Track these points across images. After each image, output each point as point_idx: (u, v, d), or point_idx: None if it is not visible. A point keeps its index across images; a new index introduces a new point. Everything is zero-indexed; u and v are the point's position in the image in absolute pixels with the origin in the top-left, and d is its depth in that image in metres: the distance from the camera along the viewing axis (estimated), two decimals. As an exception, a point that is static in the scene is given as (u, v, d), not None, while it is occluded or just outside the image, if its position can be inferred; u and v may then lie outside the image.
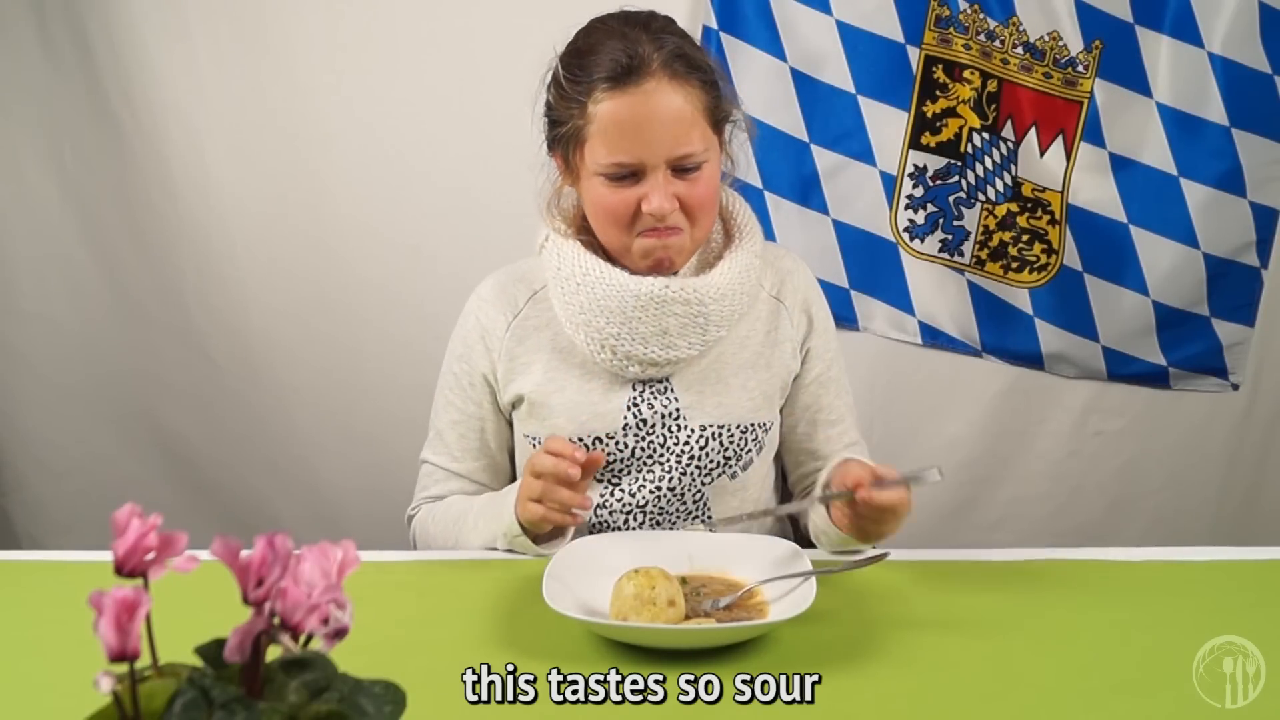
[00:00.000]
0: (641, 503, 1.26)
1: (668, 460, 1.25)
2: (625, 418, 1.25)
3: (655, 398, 1.25)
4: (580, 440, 1.24)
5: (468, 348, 1.31)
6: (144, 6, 2.03)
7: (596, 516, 1.27)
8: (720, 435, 1.26)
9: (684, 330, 1.22)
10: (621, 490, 1.26)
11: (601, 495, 1.26)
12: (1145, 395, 2.17)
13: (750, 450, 1.28)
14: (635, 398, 1.25)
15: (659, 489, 1.25)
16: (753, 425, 1.27)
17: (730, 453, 1.26)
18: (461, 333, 1.33)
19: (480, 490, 1.33)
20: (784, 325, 1.31)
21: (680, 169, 1.18)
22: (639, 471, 1.26)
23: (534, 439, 1.28)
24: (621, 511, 1.27)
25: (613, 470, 1.26)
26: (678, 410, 1.25)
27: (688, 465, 1.25)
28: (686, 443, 1.25)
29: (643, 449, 1.25)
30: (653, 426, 1.25)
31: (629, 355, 1.22)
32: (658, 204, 1.17)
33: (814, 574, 1.02)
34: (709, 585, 1.08)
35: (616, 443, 1.25)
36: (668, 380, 1.26)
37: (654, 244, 1.21)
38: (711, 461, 1.26)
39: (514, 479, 1.35)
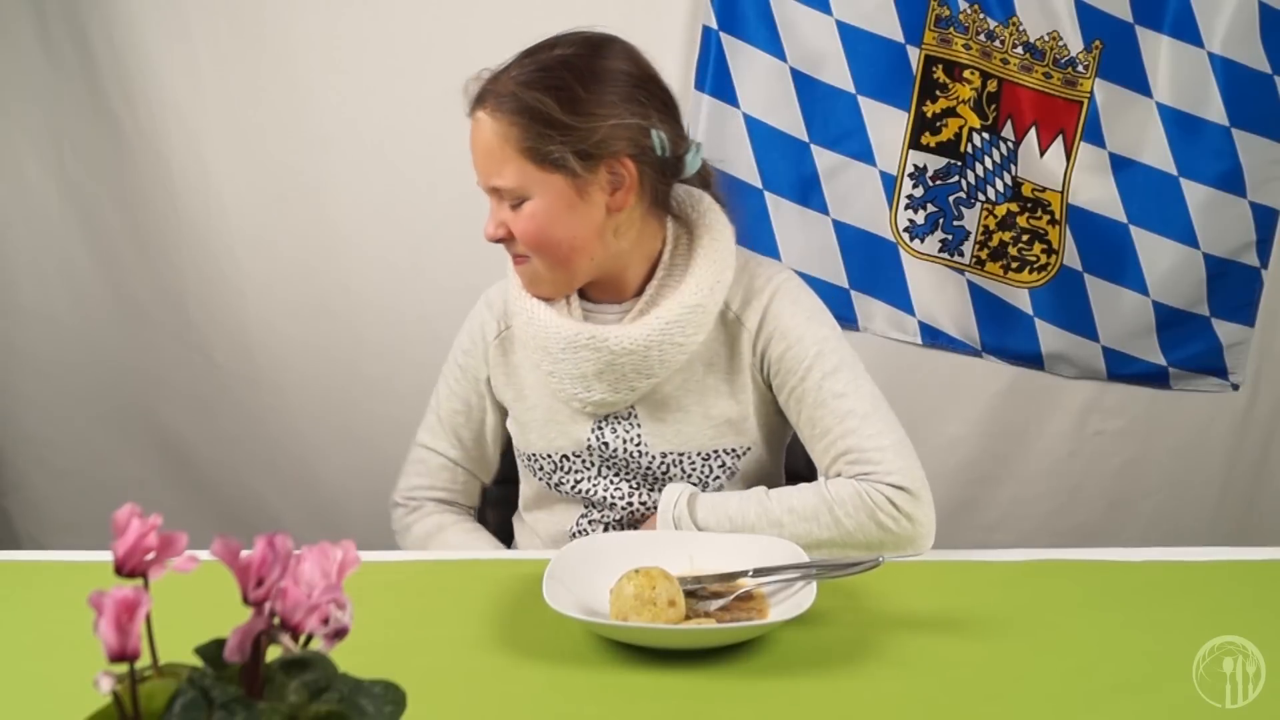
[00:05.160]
0: (617, 517, 1.27)
1: (635, 481, 1.26)
2: (589, 440, 1.25)
3: (618, 423, 1.24)
4: (549, 457, 1.27)
5: (473, 343, 1.33)
6: (144, 6, 2.03)
7: (578, 529, 1.28)
8: (681, 462, 1.24)
9: (601, 375, 1.19)
10: (593, 508, 1.28)
11: (582, 513, 1.28)
12: (1145, 395, 2.16)
13: (718, 477, 1.24)
14: (599, 423, 1.25)
15: (630, 505, 1.26)
16: (716, 452, 1.24)
17: (695, 479, 1.24)
18: (470, 329, 1.34)
19: (470, 479, 1.36)
20: (744, 350, 1.23)
21: (512, 202, 1.17)
22: (606, 492, 1.26)
23: (519, 452, 1.31)
24: (600, 523, 1.28)
25: (581, 491, 1.27)
26: (639, 436, 1.24)
27: (653, 488, 1.25)
28: (648, 469, 1.24)
29: (609, 469, 1.26)
30: (615, 451, 1.24)
31: (568, 393, 1.22)
32: (486, 227, 1.19)
33: (813, 579, 1.02)
34: (709, 585, 1.07)
35: (584, 462, 1.26)
36: (632, 406, 1.24)
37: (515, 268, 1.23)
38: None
39: (506, 478, 1.38)
